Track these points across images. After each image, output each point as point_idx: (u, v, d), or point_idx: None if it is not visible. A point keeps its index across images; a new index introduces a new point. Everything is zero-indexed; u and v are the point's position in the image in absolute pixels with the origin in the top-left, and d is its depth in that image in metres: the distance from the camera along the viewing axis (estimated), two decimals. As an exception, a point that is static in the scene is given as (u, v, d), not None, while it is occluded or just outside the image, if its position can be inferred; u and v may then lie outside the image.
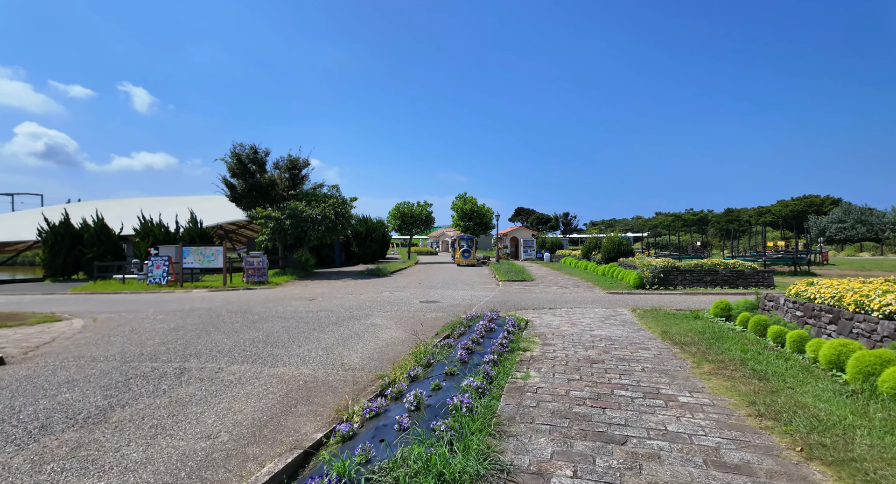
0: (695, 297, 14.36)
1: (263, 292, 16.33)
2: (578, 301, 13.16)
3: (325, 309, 11.62)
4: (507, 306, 12.17)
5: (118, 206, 30.58)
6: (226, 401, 4.86)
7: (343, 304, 12.64)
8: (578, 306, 12.03)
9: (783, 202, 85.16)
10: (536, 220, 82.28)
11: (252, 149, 22.05)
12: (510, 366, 5.81)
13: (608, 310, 11.24)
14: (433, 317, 10.53)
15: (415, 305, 12.37)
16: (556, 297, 14.25)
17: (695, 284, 16.69)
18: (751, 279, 16.48)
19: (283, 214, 21.53)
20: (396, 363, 6.12)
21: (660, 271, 16.79)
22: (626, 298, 13.92)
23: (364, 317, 10.41)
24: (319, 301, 13.32)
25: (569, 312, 10.78)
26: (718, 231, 61.41)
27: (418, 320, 10.04)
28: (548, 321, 9.48)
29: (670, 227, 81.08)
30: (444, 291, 16.04)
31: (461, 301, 13.36)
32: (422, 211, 40.20)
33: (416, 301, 13.26)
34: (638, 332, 8.30)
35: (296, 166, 23.48)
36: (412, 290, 16.65)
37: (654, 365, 6.03)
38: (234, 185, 22.74)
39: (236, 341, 7.72)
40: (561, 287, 17.45)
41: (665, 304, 12.52)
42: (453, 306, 12.26)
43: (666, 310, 11.01)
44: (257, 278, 19.32)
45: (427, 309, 11.74)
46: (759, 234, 43.57)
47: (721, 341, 7.17)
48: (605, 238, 25.37)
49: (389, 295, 14.97)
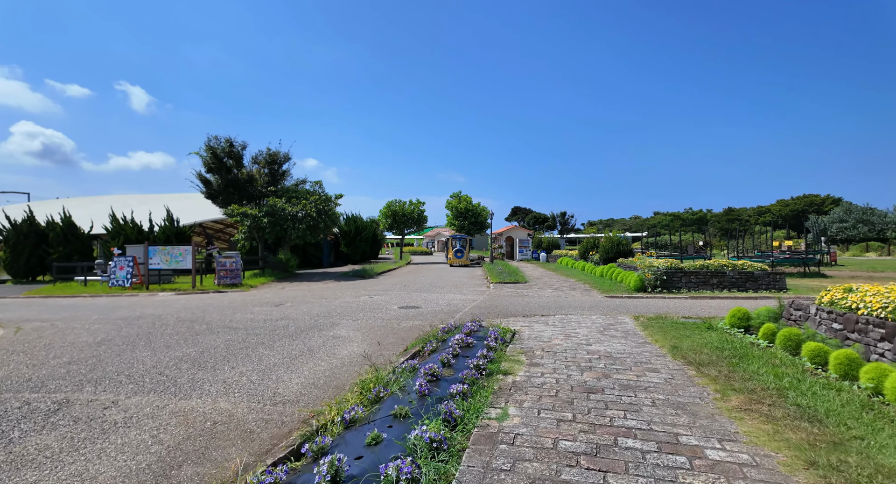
0: (702, 301, 13.11)
1: (232, 296, 15.00)
2: (574, 306, 11.90)
3: (288, 317, 10.31)
4: (495, 313, 10.89)
5: (93, 203, 29.16)
6: (87, 457, 3.56)
7: (311, 310, 11.33)
8: (574, 313, 10.76)
9: (783, 202, 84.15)
10: (533, 220, 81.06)
11: (228, 142, 20.68)
12: (484, 398, 4.53)
13: (607, 317, 9.97)
14: (409, 326, 9.23)
15: (391, 312, 11.08)
16: (550, 301, 12.98)
17: (700, 287, 15.45)
18: (761, 282, 15.23)
19: (260, 212, 20.19)
20: (341, 396, 4.82)
21: (662, 273, 15.54)
22: (626, 303, 12.65)
23: (328, 327, 9.11)
24: (286, 307, 12.01)
25: (563, 320, 9.50)
26: (719, 231, 60.29)
27: (391, 330, 8.74)
28: (538, 331, 8.20)
29: (669, 227, 79.97)
30: (428, 295, 14.75)
31: (445, 306, 12.07)
32: (414, 209, 38.81)
33: (394, 306, 11.96)
34: (643, 346, 7.03)
35: (275, 161, 22.11)
36: (394, 293, 15.35)
37: (668, 395, 4.76)
38: (209, 181, 21.38)
39: (160, 360, 6.41)
40: (556, 290, 16.18)
41: (670, 310, 11.26)
42: (435, 313, 10.97)
43: (672, 318, 9.75)
44: (230, 280, 17.99)
45: (404, 316, 10.45)
46: (760, 234, 42.33)
47: (746, 361, 5.90)
48: (604, 237, 24.13)
49: (368, 299, 13.67)
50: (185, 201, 29.29)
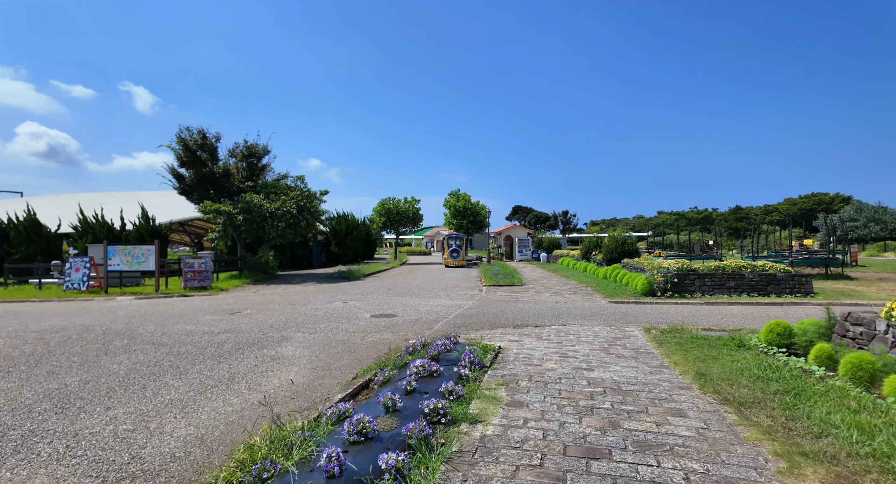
0: (720, 308, 11.50)
1: (192, 302, 13.47)
2: (574, 314, 10.32)
3: (235, 329, 8.75)
4: (481, 323, 9.31)
5: (68, 201, 27.67)
6: None
7: (267, 320, 9.78)
8: (574, 322, 9.18)
9: (790, 200, 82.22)
10: (535, 219, 79.36)
11: (200, 133, 19.13)
12: (428, 480, 2.95)
13: (613, 329, 8.39)
14: (374, 342, 7.67)
15: (361, 322, 9.51)
16: (547, 307, 11.40)
17: (716, 291, 13.83)
18: (784, 284, 13.60)
19: (234, 209, 18.65)
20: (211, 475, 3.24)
21: (673, 275, 13.93)
22: (634, 310, 11.06)
23: (275, 343, 7.55)
24: (242, 315, 10.46)
25: (560, 333, 7.93)
26: (726, 230, 58.46)
27: (349, 348, 7.19)
28: (528, 349, 6.63)
29: (674, 227, 78.22)
30: (411, 300, 13.18)
31: (425, 315, 10.50)
32: (409, 207, 37.19)
33: (366, 315, 10.40)
34: (659, 372, 5.45)
35: (254, 154, 20.56)
36: (374, 298, 13.79)
37: (706, 462, 3.18)
38: (182, 176, 19.86)
39: (16, 397, 4.85)
40: (554, 294, 14.59)
41: (685, 319, 9.67)
42: (411, 323, 9.41)
43: (690, 330, 8.16)
44: (199, 283, 16.46)
45: (373, 327, 8.89)
46: (769, 234, 40.63)
47: (805, 400, 4.32)
48: (607, 236, 22.50)
49: (341, 305, 12.11)
50: (167, 198, 27.78)
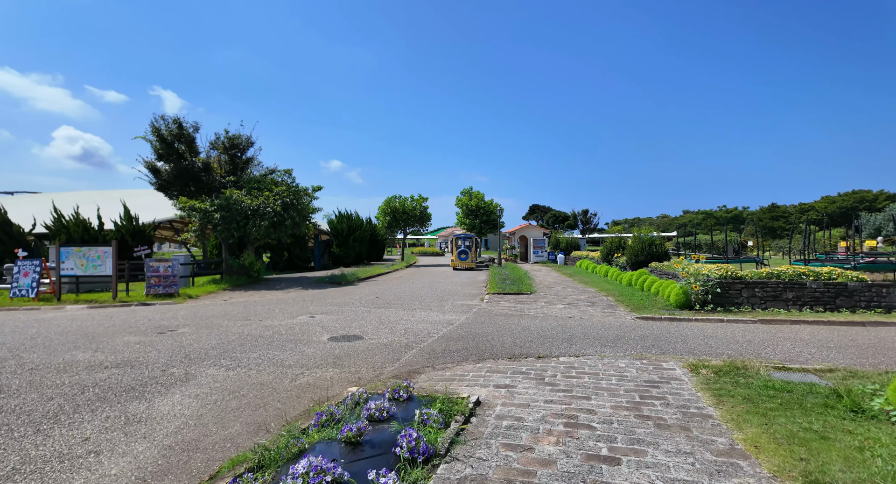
0: (782, 329, 8.95)
1: (138, 313, 11.55)
2: (592, 336, 7.94)
3: (134, 361, 6.68)
4: (467, 351, 7.04)
5: (46, 200, 26.41)
6: None
7: (194, 344, 7.69)
8: (590, 350, 6.82)
9: (828, 198, 77.08)
10: (553, 219, 76.29)
11: (176, 123, 17.32)
12: None
13: (645, 364, 6.01)
14: (305, 385, 5.49)
15: (310, 349, 7.34)
16: (557, 326, 9.04)
17: (769, 304, 11.22)
18: (858, 296, 10.89)
19: (211, 206, 16.78)
20: None
21: (716, 284, 11.38)
22: (669, 330, 8.59)
23: (166, 386, 5.43)
24: (172, 335, 8.41)
25: (570, 372, 5.61)
26: (760, 229, 54.51)
27: (261, 399, 5.03)
28: (519, 408, 4.34)
29: (701, 226, 74.29)
30: (394, 314, 10.99)
31: (400, 336, 8.27)
32: (416, 206, 35.00)
33: (325, 337, 8.22)
34: (734, 469, 3.09)
35: (236, 146, 18.68)
36: (351, 310, 11.64)
37: None
38: (159, 170, 18.11)
39: None
40: (568, 305, 12.18)
41: (741, 345, 7.20)
42: (374, 351, 7.19)
43: (757, 368, 5.73)
44: (164, 289, 14.60)
45: (320, 359, 6.71)
46: (809, 233, 37.12)
47: None
48: (632, 237, 19.88)
49: (305, 321, 9.99)
50: (154, 196, 26.25)
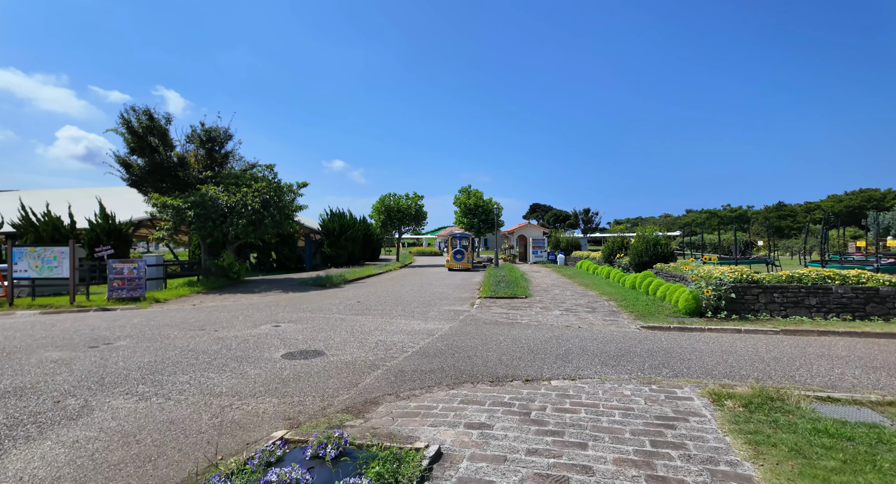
0: (809, 340, 7.77)
1: (92, 320, 10.43)
2: (591, 351, 6.79)
3: (28, 387, 5.56)
4: (442, 371, 5.89)
5: (27, 196, 25.38)
6: None
7: (121, 362, 6.56)
8: (589, 371, 5.66)
9: (835, 197, 75.63)
10: (554, 218, 75.02)
11: (147, 113, 16.18)
12: None
13: (654, 392, 4.86)
14: (223, 425, 4.35)
15: (256, 370, 6.21)
16: (552, 337, 7.88)
17: (789, 310, 10.05)
18: (892, 303, 9.69)
19: (185, 203, 15.66)
20: None
21: (730, 288, 10.21)
22: (680, 343, 7.42)
23: (40, 430, 4.32)
24: (105, 349, 7.29)
25: (563, 403, 4.46)
26: (766, 228, 53.25)
27: (155, 452, 3.89)
28: (488, 466, 3.20)
29: (705, 226, 72.83)
30: (370, 322, 9.86)
31: (368, 351, 7.13)
32: (412, 204, 33.85)
33: (279, 353, 7.07)
34: None
35: (213, 139, 17.55)
36: (323, 318, 10.51)
37: None
38: (130, 165, 17.00)
39: None
40: (566, 311, 11.03)
41: (767, 363, 6.03)
42: (330, 373, 6.05)
43: (794, 397, 4.58)
44: (128, 293, 13.49)
45: (261, 386, 5.58)
46: (817, 233, 35.88)
47: None
48: (635, 236, 18.71)
49: (268, 331, 8.86)
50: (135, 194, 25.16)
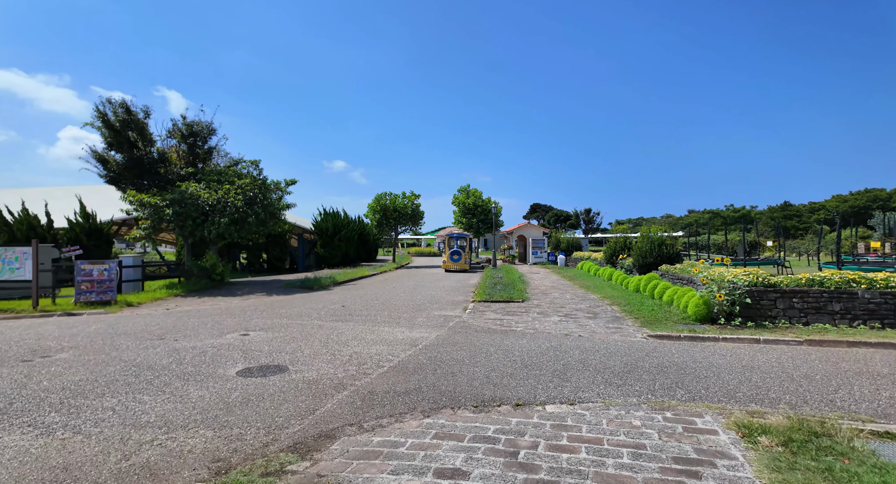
0: (838, 353, 6.86)
1: (46, 327, 9.55)
2: (592, 366, 5.88)
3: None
4: (419, 393, 4.98)
5: (4, 196, 24.55)
6: None
7: (41, 381, 5.67)
8: (590, 395, 4.75)
9: (840, 197, 74.59)
10: (554, 218, 74.06)
11: (123, 106, 15.34)
12: None
13: (670, 424, 3.95)
14: (130, 470, 3.46)
15: (199, 392, 5.31)
16: (548, 349, 6.97)
17: (811, 317, 9.15)
18: (925, 310, 8.80)
19: (163, 200, 14.80)
20: None
21: (745, 292, 9.31)
22: (694, 356, 6.51)
23: None
24: (44, 361, 6.39)
25: (557, 444, 3.56)
26: (771, 229, 52.22)
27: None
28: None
29: (707, 226, 71.81)
30: (350, 329, 8.97)
31: (340, 366, 6.25)
32: (408, 204, 32.98)
33: (235, 370, 6.17)
34: None
35: (196, 134, 16.70)
36: (300, 325, 9.63)
37: None
38: (107, 160, 16.14)
39: None
40: (566, 317, 10.13)
41: (800, 384, 5.11)
42: (289, 394, 5.16)
43: (847, 435, 3.67)
44: (97, 297, 12.63)
45: (199, 414, 4.69)
46: (824, 234, 34.98)
47: None
48: (639, 237, 17.81)
49: (234, 340, 7.98)
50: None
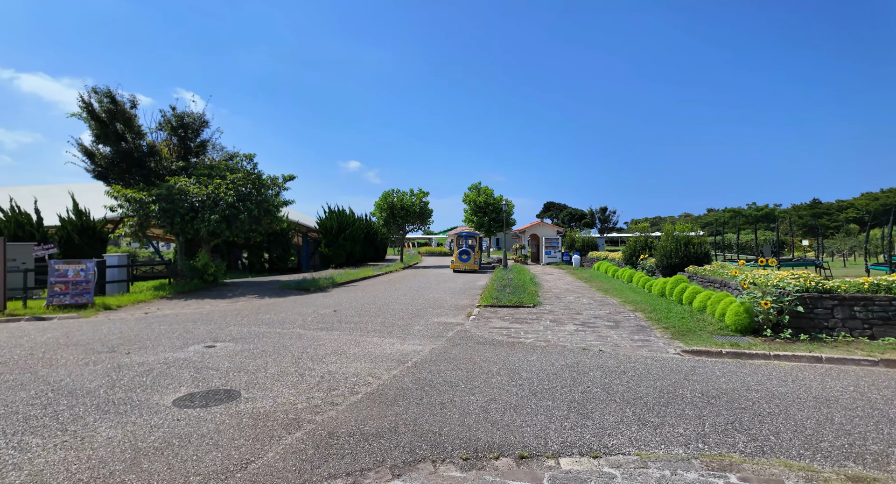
0: (936, 381, 5.44)
1: (-2, 334, 8.60)
2: (618, 395, 4.60)
3: None
4: (395, 434, 3.76)
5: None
6: None
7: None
8: (619, 442, 3.45)
9: (870, 195, 71.25)
10: (569, 217, 72.19)
11: (108, 95, 14.43)
12: None
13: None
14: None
15: (110, 433, 4.17)
16: (563, 369, 5.70)
17: (878, 329, 7.71)
18: None
19: (149, 196, 13.86)
20: None
21: (795, 299, 7.90)
22: (744, 381, 5.16)
23: None
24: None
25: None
26: (798, 228, 49.88)
27: None
28: None
29: (728, 225, 69.33)
30: (333, 341, 7.82)
31: (304, 392, 5.08)
32: (416, 201, 31.82)
33: (171, 398, 5.02)
34: None
35: (186, 126, 15.76)
36: (278, 334, 8.51)
37: None
38: (94, 154, 15.28)
39: None
40: (582, 326, 8.82)
41: (884, 423, 3.77)
42: (224, 435, 3.99)
43: None
44: (71, 299, 11.71)
45: (89, 466, 3.54)
46: (853, 233, 33.05)
47: None
48: (663, 235, 16.35)
49: (198, 352, 6.88)
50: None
